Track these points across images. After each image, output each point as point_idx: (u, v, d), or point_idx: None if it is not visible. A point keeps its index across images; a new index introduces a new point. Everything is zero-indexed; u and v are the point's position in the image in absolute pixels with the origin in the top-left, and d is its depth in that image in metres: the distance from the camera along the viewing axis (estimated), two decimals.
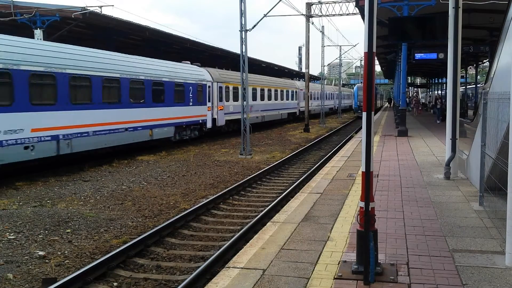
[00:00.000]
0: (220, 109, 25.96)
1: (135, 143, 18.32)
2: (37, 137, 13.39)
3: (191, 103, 22.46)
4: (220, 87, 26.00)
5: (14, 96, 12.67)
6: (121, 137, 17.26)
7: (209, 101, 24.61)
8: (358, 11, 26.37)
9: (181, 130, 21.91)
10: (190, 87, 22.35)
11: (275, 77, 39.90)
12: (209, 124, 24.69)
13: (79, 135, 15.09)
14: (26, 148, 13.04)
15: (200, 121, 23.62)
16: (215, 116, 25.26)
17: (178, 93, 21.36)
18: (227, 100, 27.08)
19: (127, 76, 17.64)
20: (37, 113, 13.44)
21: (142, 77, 18.60)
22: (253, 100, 30.54)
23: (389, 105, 73.10)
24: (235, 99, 27.69)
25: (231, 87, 27.54)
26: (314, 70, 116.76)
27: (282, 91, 37.78)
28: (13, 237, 8.18)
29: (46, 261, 7.19)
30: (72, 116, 14.80)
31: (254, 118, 30.46)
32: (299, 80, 49.19)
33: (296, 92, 41.88)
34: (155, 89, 19.47)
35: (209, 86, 24.60)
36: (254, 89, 31.42)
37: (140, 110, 18.39)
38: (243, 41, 19.51)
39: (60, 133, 14.24)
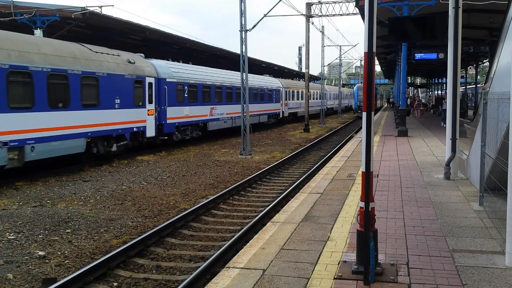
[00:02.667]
0: (286, 105, 39.64)
1: (255, 123, 30.73)
2: (227, 117, 27.17)
3: (274, 101, 36.44)
4: (286, 91, 39.71)
5: (222, 98, 26.57)
6: (255, 119, 30.73)
7: (280, 100, 38.38)
8: (358, 11, 26.37)
9: (269, 117, 35.94)
10: (273, 91, 36.16)
11: (317, 84, 55.08)
12: (281, 115, 38.46)
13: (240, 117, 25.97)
14: (224, 122, 26.80)
15: (277, 113, 37.51)
16: (283, 110, 39.01)
17: (269, 95, 35.56)
18: (289, 99, 40.75)
19: (255, 86, 31.89)
20: (226, 106, 27.16)
21: (258, 87, 32.81)
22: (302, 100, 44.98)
23: (388, 106, 72.84)
24: (293, 98, 41.94)
25: (291, 91, 41.26)
26: (314, 70, 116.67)
27: (319, 93, 52.80)
28: (13, 237, 8.18)
29: (46, 261, 7.19)
30: (237, 107, 27.05)
31: (302, 111, 45.30)
32: (328, 84, 64.57)
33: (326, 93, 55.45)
34: (261, 93, 33.45)
35: (280, 90, 38.26)
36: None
37: (258, 105, 32.46)
38: (243, 41, 19.51)
39: (233, 116, 27.85)
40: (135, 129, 18.14)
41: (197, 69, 24.57)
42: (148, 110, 19.21)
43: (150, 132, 19.35)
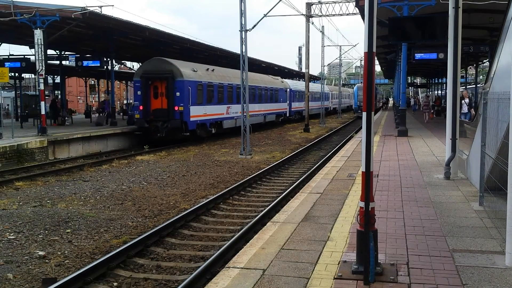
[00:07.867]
0: (331, 102, 60.00)
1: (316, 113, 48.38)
2: (316, 108, 47.48)
3: (328, 101, 55.29)
4: (331, 94, 60.19)
5: (314, 99, 49.20)
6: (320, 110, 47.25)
7: (329, 99, 58.12)
8: (358, 11, 26.36)
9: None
10: (329, 94, 55.92)
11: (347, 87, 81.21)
12: (330, 108, 58.76)
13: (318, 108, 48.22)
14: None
15: (328, 107, 55.57)
16: (330, 105, 59.29)
17: (326, 97, 52.03)
18: (332, 99, 61.59)
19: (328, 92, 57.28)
20: (314, 102, 48.02)
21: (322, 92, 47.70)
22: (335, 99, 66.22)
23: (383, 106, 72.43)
24: (333, 98, 60.76)
25: (334, 93, 62.07)
26: (314, 70, 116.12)
27: (345, 93, 72.83)
28: (13, 237, 8.19)
29: (46, 261, 7.19)
30: (316, 103, 48.41)
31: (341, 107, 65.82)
32: (349, 88, 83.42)
33: (349, 94, 74.46)
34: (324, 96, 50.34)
35: (329, 93, 56.58)
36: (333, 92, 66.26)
37: (325, 102, 50.56)
38: (243, 41, 19.51)
39: (318, 108, 47.09)
40: (284, 111, 40.58)
41: (297, 82, 48.42)
42: (287, 103, 41.38)
43: (287, 114, 41.41)
